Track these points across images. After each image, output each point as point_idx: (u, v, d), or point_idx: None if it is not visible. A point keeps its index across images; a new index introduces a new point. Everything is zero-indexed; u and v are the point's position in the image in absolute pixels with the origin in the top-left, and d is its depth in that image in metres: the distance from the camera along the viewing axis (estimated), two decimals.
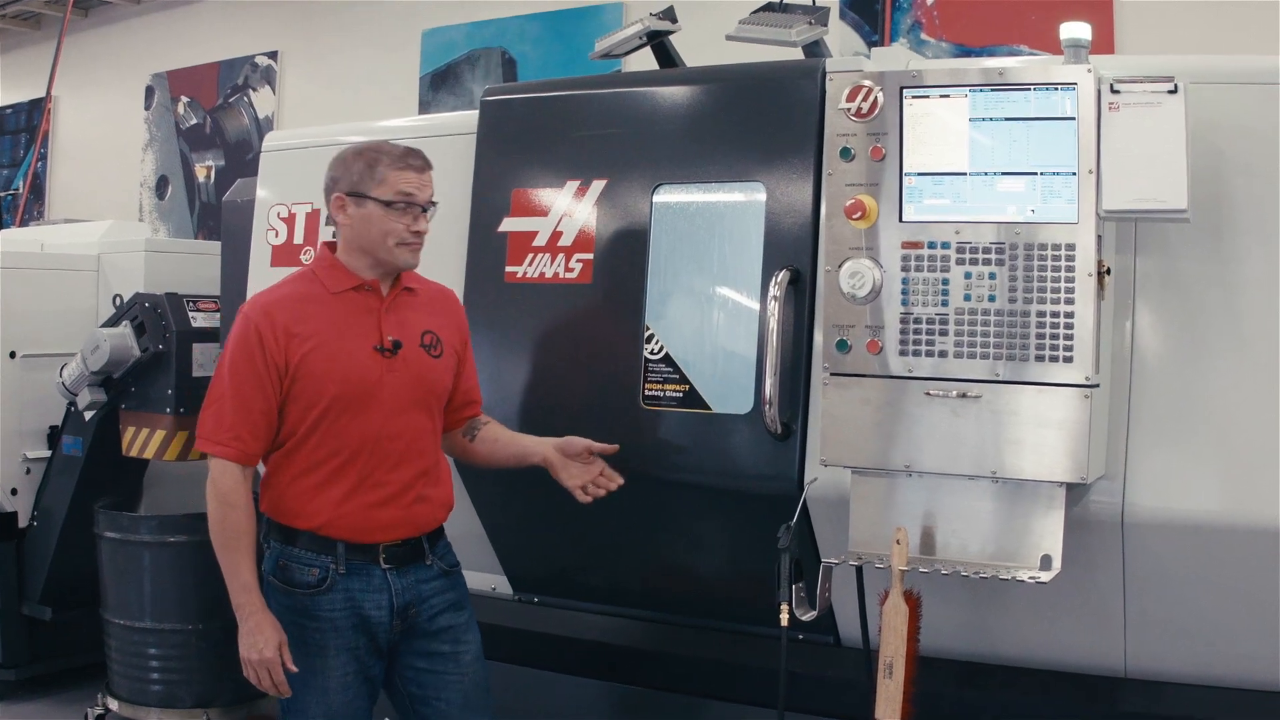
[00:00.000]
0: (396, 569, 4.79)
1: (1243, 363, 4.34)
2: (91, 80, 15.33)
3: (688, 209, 5.32)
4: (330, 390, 4.69)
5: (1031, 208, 4.13)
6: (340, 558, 4.71)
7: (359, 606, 4.72)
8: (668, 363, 5.26)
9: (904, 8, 9.71)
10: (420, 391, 4.86)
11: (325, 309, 4.78)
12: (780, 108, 5.14)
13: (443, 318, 5.03)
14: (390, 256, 4.79)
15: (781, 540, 4.40)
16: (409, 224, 4.77)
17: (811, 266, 4.94)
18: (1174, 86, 4.02)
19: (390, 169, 4.75)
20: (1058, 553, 4.19)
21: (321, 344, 4.71)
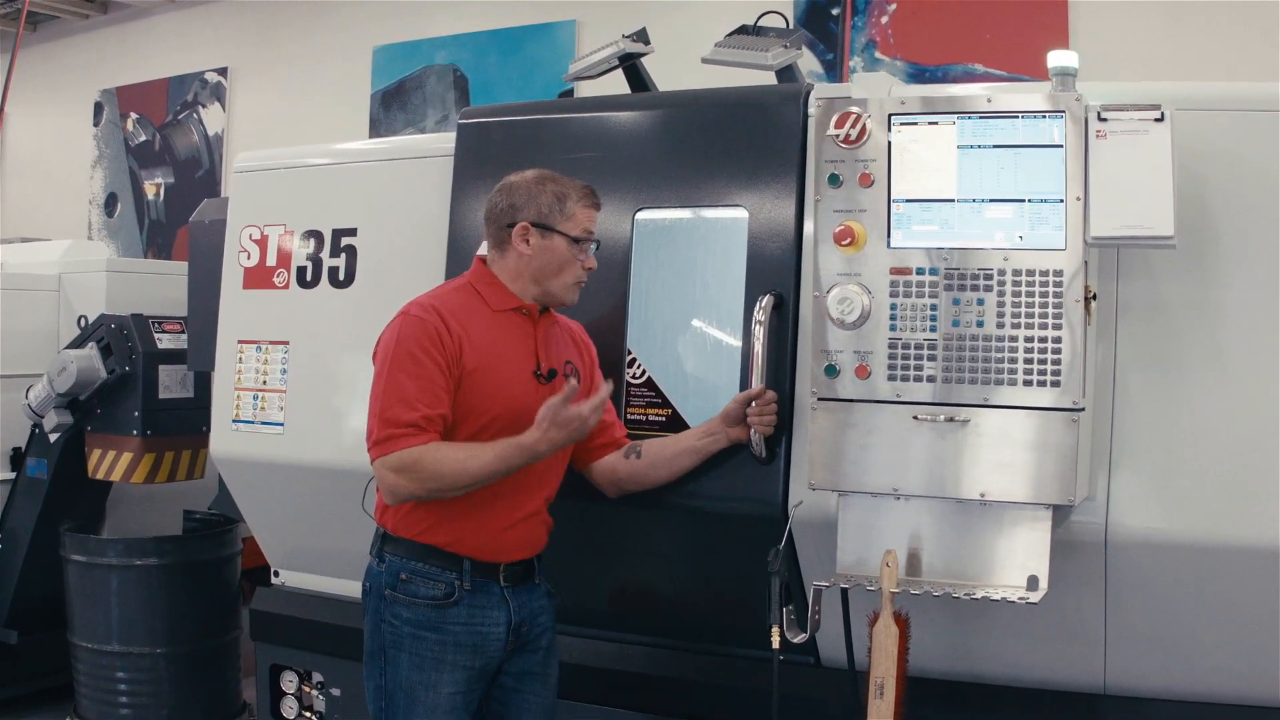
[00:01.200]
0: (513, 588, 4.82)
1: (1223, 386, 4.39)
2: (40, 96, 15.24)
3: (670, 232, 5.36)
4: (492, 410, 4.68)
5: (1019, 234, 4.16)
6: (466, 574, 4.71)
7: (480, 623, 4.74)
8: (650, 387, 5.28)
9: (859, 26, 9.76)
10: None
11: (486, 325, 4.76)
12: (763, 132, 5.15)
13: (578, 349, 5.06)
14: (562, 292, 4.82)
15: (771, 564, 4.44)
16: (584, 262, 4.81)
17: (795, 291, 4.97)
18: (1160, 114, 4.07)
19: (579, 205, 4.78)
20: (1044, 574, 4.22)
21: (487, 362, 4.69)
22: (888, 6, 9.79)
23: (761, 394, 4.88)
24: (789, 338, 4.95)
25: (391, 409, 4.55)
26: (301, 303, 6.14)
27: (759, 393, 4.88)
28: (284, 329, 6.19)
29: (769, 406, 4.89)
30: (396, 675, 4.71)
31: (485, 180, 5.40)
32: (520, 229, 4.76)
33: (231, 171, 6.78)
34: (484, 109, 5.90)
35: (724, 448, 4.99)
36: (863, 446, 4.34)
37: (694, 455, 5.03)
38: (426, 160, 5.95)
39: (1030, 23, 9.36)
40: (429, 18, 12.14)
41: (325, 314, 6.09)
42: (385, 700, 4.75)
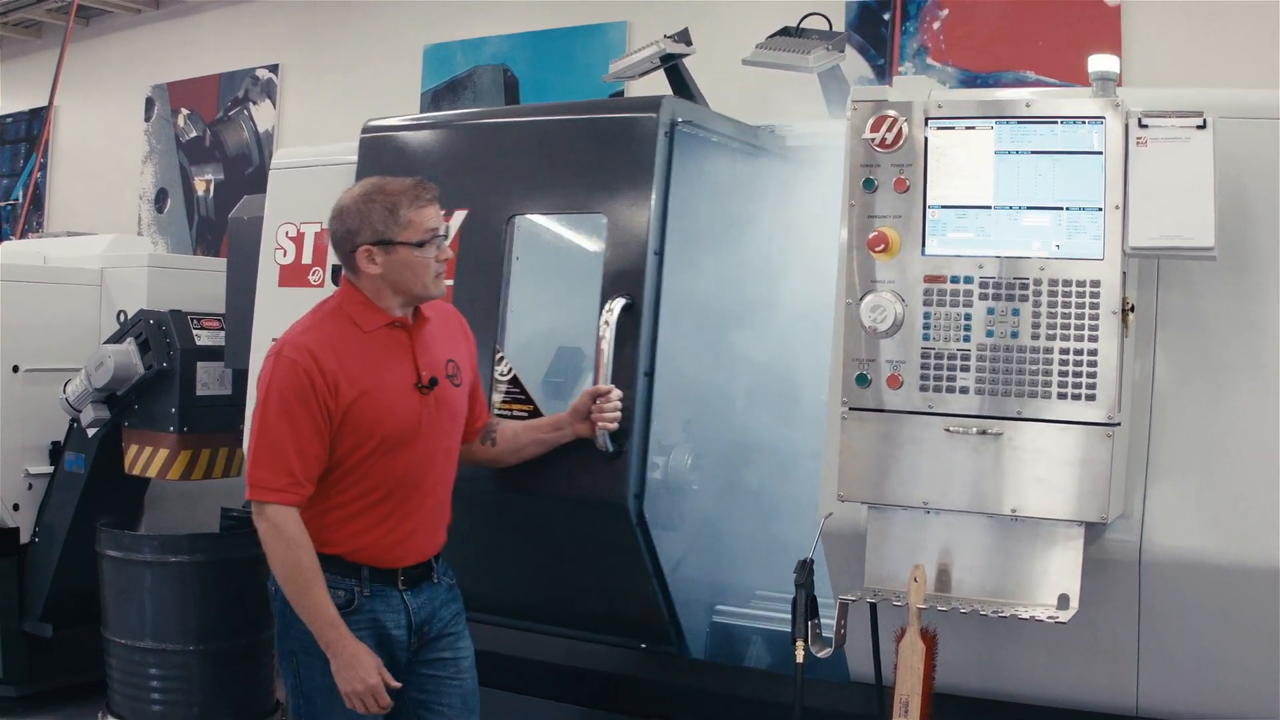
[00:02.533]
0: (411, 589, 4.95)
1: (1264, 402, 4.30)
2: (92, 90, 15.26)
3: (539, 239, 5.83)
4: (379, 432, 4.79)
5: (1056, 243, 4.09)
6: (365, 581, 4.84)
7: (382, 626, 4.86)
8: (515, 384, 5.62)
9: (910, 32, 9.68)
10: (452, 423, 5.06)
11: (362, 348, 4.85)
12: (622, 143, 5.43)
13: (456, 341, 5.19)
14: (426, 291, 4.90)
15: (798, 576, 4.38)
16: (437, 255, 4.86)
17: (651, 294, 5.29)
18: (1203, 122, 3.99)
19: (411, 209, 4.84)
20: (1075, 592, 4.15)
21: (369, 388, 4.79)
22: (939, 12, 9.70)
23: (606, 392, 5.20)
24: (640, 339, 5.26)
25: (266, 459, 4.72)
26: None
27: (604, 390, 5.20)
28: None
29: (613, 404, 5.20)
30: (312, 678, 4.84)
31: None
32: (363, 252, 4.85)
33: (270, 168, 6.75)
34: (385, 121, 6.22)
35: (570, 440, 5.30)
36: (893, 458, 4.28)
37: (541, 446, 5.36)
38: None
39: (1083, 30, 9.26)
40: (480, 17, 12.11)
41: None
42: (303, 700, 4.91)
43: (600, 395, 5.20)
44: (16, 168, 16.36)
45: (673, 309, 5.47)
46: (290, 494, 4.69)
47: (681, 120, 5.48)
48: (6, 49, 16.41)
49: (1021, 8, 9.18)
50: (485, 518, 5.62)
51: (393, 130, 6.16)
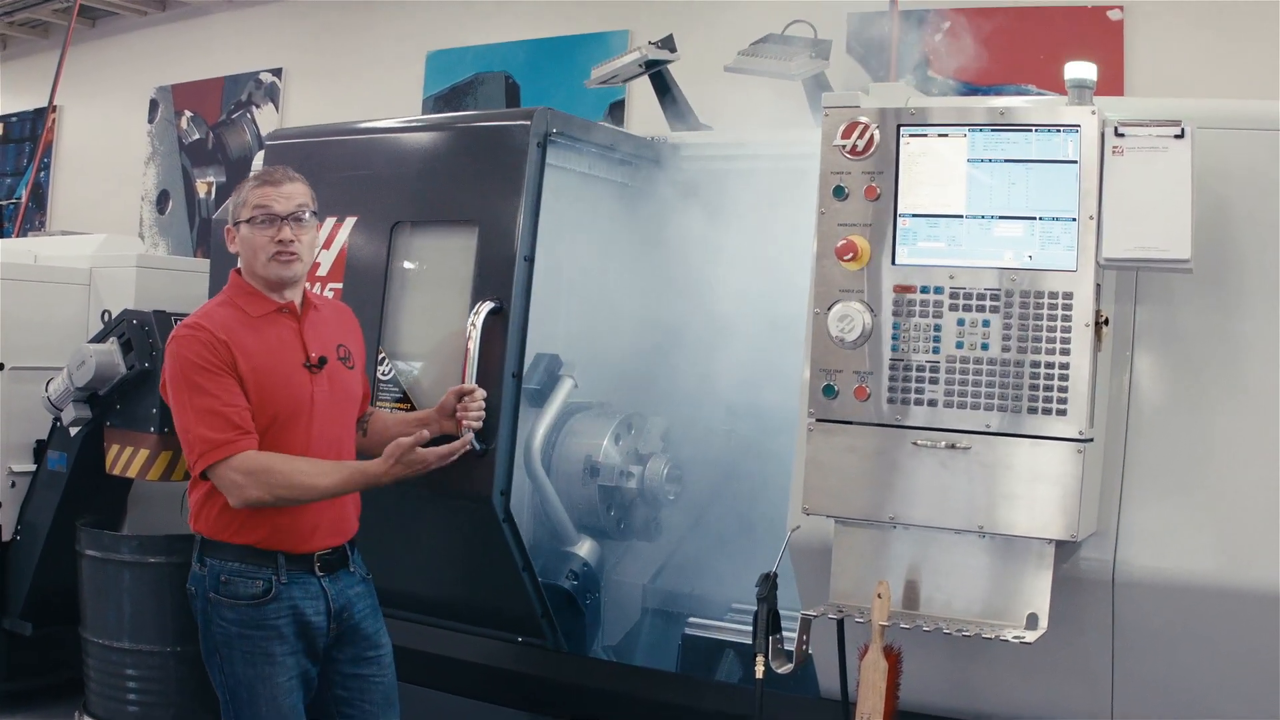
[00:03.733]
0: (329, 575, 5.05)
1: (1243, 419, 4.24)
2: (96, 91, 15.33)
3: (418, 246, 5.98)
4: (271, 409, 4.93)
5: (1029, 253, 4.02)
6: (281, 568, 4.94)
7: (301, 613, 4.96)
8: (395, 384, 5.88)
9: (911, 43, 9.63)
10: (344, 403, 5.20)
11: (251, 331, 4.99)
12: (494, 155, 5.65)
13: (348, 331, 5.36)
14: (265, 271, 5.04)
15: (760, 589, 4.31)
16: (272, 236, 4.98)
17: (520, 298, 5.54)
18: (1181, 131, 3.93)
19: (250, 190, 5.08)
20: (1044, 611, 4.09)
21: (259, 365, 4.94)
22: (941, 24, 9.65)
23: (471, 391, 5.39)
24: (506, 342, 5.50)
25: (208, 420, 4.82)
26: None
27: (469, 390, 5.40)
28: None
29: (476, 403, 5.38)
30: (234, 672, 4.93)
31: None
32: (227, 234, 5.16)
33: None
34: (286, 131, 7.09)
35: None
36: (860, 471, 4.22)
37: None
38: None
39: (1084, 42, 9.24)
40: (483, 24, 12.12)
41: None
42: (229, 695, 4.98)
43: (465, 394, 5.39)
44: (20, 167, 16.40)
45: (638, 318, 5.55)
46: (240, 443, 4.80)
47: (556, 131, 5.66)
48: (13, 49, 16.45)
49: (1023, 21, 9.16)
50: (366, 510, 5.64)
51: (293, 139, 6.48)
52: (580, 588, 5.80)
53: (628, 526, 5.92)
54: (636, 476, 5.79)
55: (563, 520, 5.79)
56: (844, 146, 4.22)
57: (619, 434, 5.86)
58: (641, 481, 5.79)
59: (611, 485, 5.79)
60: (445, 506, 5.68)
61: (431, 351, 5.89)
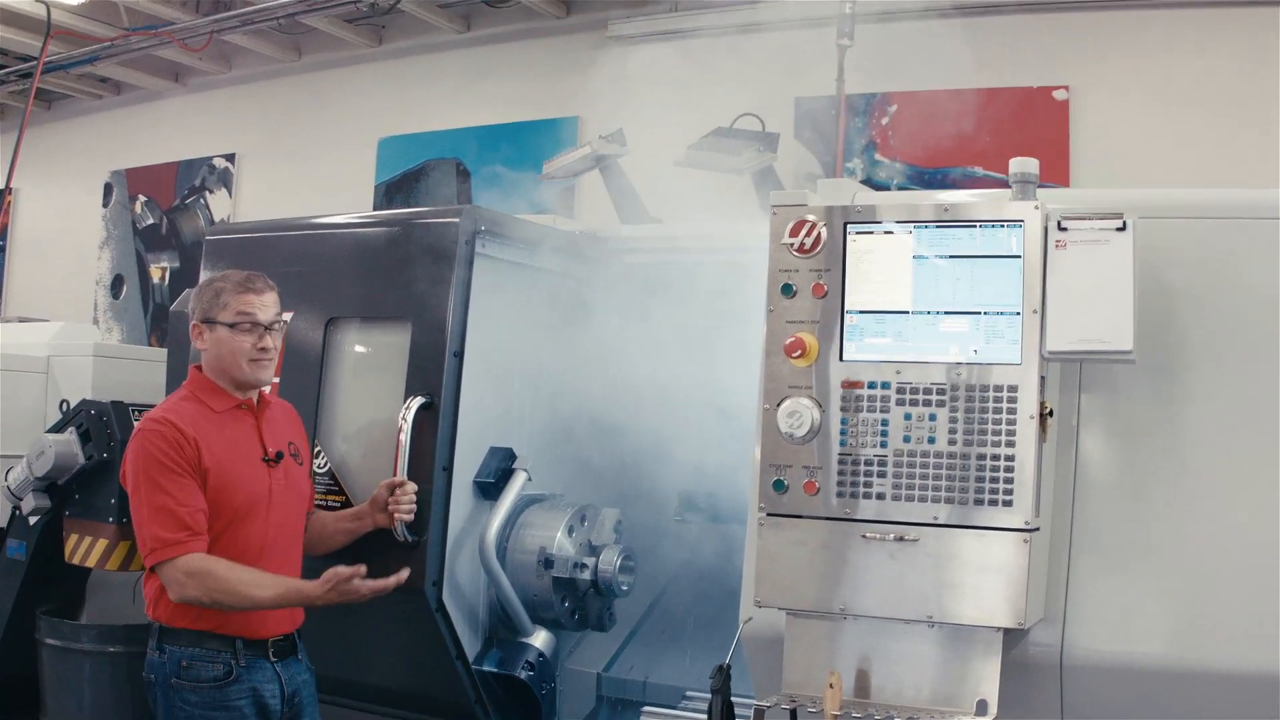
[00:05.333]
0: (281, 661, 5.29)
1: (1187, 503, 4.29)
2: (51, 174, 15.33)
3: (352, 340, 6.12)
4: (235, 501, 5.14)
5: (974, 348, 4.07)
6: (239, 652, 5.15)
7: (260, 696, 5.18)
8: (331, 477, 5.92)
9: (859, 127, 9.72)
10: (296, 497, 5.44)
11: (214, 426, 5.21)
12: (425, 252, 5.77)
13: (295, 429, 5.55)
14: (242, 374, 5.24)
15: (714, 681, 4.35)
16: (254, 342, 5.20)
17: (450, 394, 5.67)
18: (1123, 224, 3.99)
19: (233, 295, 5.24)
20: (994, 698, 4.11)
21: (222, 459, 5.14)
22: (888, 108, 9.76)
23: (402, 484, 5.58)
24: (437, 436, 5.64)
25: (161, 518, 5.00)
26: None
27: (399, 482, 5.59)
28: None
29: (408, 495, 5.57)
30: None
31: None
32: (194, 330, 5.34)
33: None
34: (226, 226, 7.29)
35: (370, 530, 5.63)
36: (810, 564, 4.23)
37: (348, 535, 5.70)
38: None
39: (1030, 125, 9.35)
40: (434, 111, 12.20)
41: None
42: None
43: (397, 487, 5.57)
44: None
45: (586, 410, 5.83)
46: (189, 545, 4.98)
47: (484, 228, 5.79)
48: None
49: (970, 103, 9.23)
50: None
51: (233, 234, 6.69)
52: (536, 678, 5.81)
53: (582, 617, 5.93)
54: (590, 568, 5.82)
55: (518, 612, 5.81)
56: (792, 244, 4.26)
57: (572, 526, 5.90)
58: (595, 573, 5.82)
59: (565, 577, 5.80)
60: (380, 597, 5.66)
61: (365, 445, 6.00)
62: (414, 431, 5.55)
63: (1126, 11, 9.58)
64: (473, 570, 5.80)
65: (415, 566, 5.55)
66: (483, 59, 12.20)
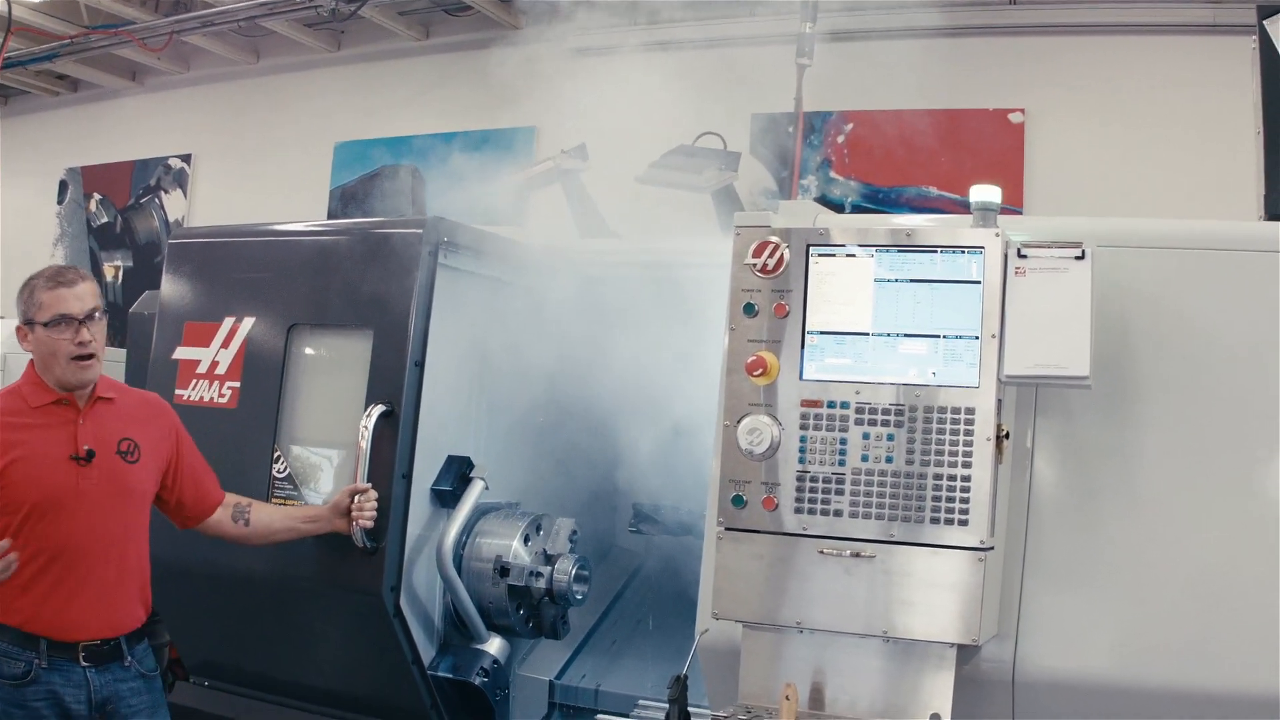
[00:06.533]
0: (96, 667, 5.12)
1: (1136, 524, 4.37)
2: (6, 169, 15.22)
3: (314, 347, 6.13)
4: (31, 497, 5.01)
5: (933, 370, 4.14)
6: (43, 653, 5.03)
7: (60, 699, 5.05)
8: (290, 481, 5.97)
9: (815, 145, 9.79)
10: (118, 496, 5.21)
11: (28, 422, 5.11)
12: (388, 262, 5.80)
13: (143, 425, 5.40)
14: (66, 374, 5.14)
15: (671, 691, 4.40)
16: (71, 338, 5.07)
17: (410, 402, 5.68)
18: (1081, 253, 4.07)
19: (44, 292, 5.11)
20: (947, 711, 4.19)
21: (22, 455, 5.04)
22: (844, 126, 9.84)
23: (365, 490, 5.58)
24: (397, 444, 5.65)
25: None
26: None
27: (362, 489, 5.58)
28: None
29: (370, 502, 5.58)
30: None
31: (184, 293, 6.35)
32: (19, 332, 5.21)
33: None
34: (190, 230, 7.25)
35: (325, 533, 5.63)
36: (768, 578, 4.29)
37: (295, 534, 5.71)
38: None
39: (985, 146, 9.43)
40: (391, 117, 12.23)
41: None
42: None
43: (359, 493, 5.57)
44: None
45: (542, 419, 6.10)
46: None
47: (447, 239, 5.81)
48: None
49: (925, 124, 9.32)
50: (257, 602, 5.96)
51: (197, 238, 6.64)
52: (490, 684, 5.83)
53: (536, 625, 5.96)
54: (545, 576, 5.84)
55: (474, 618, 5.82)
56: (754, 265, 4.32)
57: (528, 535, 5.91)
58: (550, 581, 5.84)
59: (521, 585, 5.83)
60: (337, 601, 5.78)
61: (326, 450, 6.00)
62: (374, 439, 5.56)
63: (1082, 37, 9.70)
64: (429, 577, 5.81)
65: (373, 572, 5.58)
66: (441, 66, 12.24)
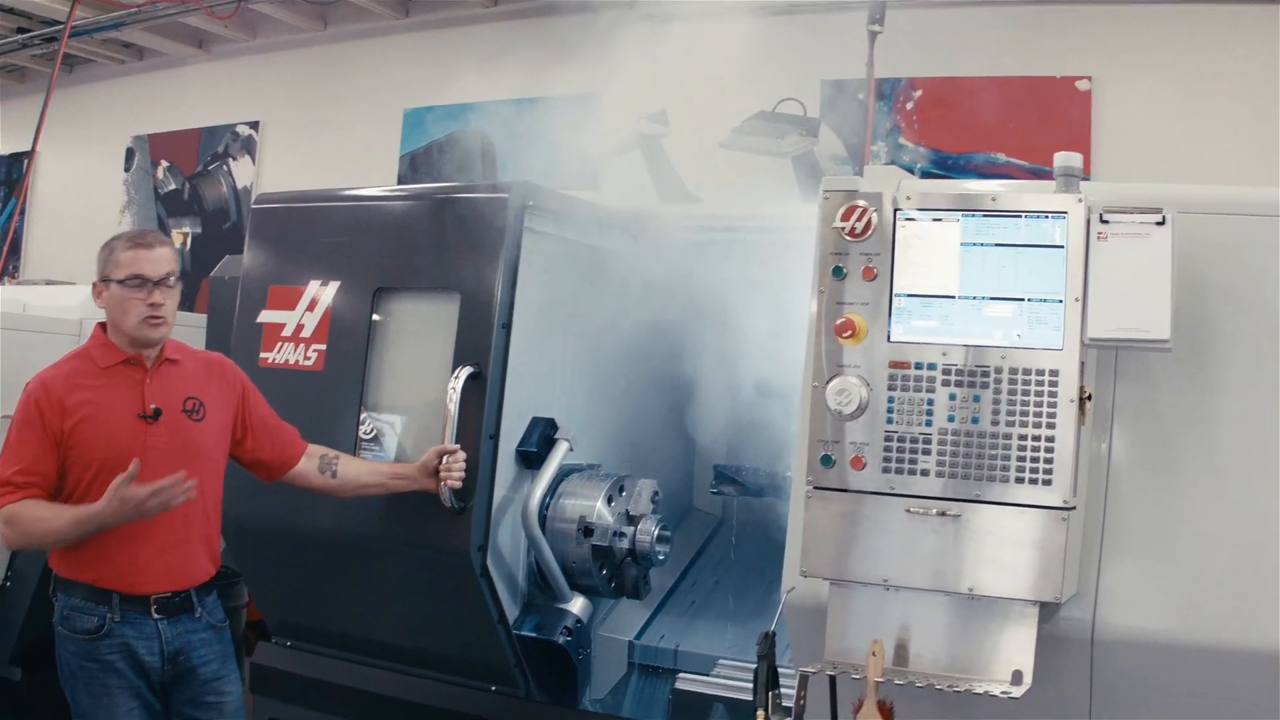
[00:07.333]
0: (168, 619, 5.35)
1: (1216, 490, 4.39)
2: (73, 137, 15.31)
3: (399, 310, 6.18)
4: (98, 455, 5.23)
5: (1018, 333, 4.18)
6: (115, 607, 5.26)
7: (134, 651, 5.28)
8: (376, 442, 5.98)
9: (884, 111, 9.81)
10: (185, 453, 5.39)
11: (95, 382, 5.34)
12: (474, 228, 5.83)
13: (208, 384, 5.56)
14: (135, 332, 5.33)
15: (760, 647, 4.46)
16: (144, 298, 5.27)
17: (497, 364, 5.74)
18: (1162, 218, 4.10)
19: (124, 251, 5.33)
20: (1029, 668, 4.22)
21: (90, 415, 5.26)
22: (913, 93, 9.85)
23: (453, 451, 5.66)
24: (484, 406, 5.72)
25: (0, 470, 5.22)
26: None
27: (451, 449, 5.67)
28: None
29: (459, 462, 5.66)
30: (78, 701, 5.31)
31: (269, 257, 6.41)
32: (94, 288, 5.46)
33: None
34: (273, 195, 6.77)
35: (411, 491, 5.75)
36: (855, 536, 4.35)
37: (383, 489, 5.85)
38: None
39: (1052, 113, 9.43)
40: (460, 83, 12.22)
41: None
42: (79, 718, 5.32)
43: (447, 453, 5.66)
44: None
45: (627, 382, 6.09)
46: (17, 494, 5.16)
47: (531, 204, 5.86)
48: None
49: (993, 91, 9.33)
50: (340, 562, 6.06)
51: (279, 203, 6.64)
52: (573, 643, 5.91)
53: (618, 585, 6.03)
54: (628, 537, 5.91)
55: (558, 578, 5.90)
56: (843, 228, 4.36)
57: (611, 496, 5.97)
58: (633, 542, 5.91)
59: (604, 545, 5.89)
60: (424, 560, 5.85)
61: (412, 411, 6.05)
62: (461, 400, 5.61)
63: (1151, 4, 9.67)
64: (513, 537, 5.88)
65: (461, 532, 5.65)
66: (509, 32, 12.27)
